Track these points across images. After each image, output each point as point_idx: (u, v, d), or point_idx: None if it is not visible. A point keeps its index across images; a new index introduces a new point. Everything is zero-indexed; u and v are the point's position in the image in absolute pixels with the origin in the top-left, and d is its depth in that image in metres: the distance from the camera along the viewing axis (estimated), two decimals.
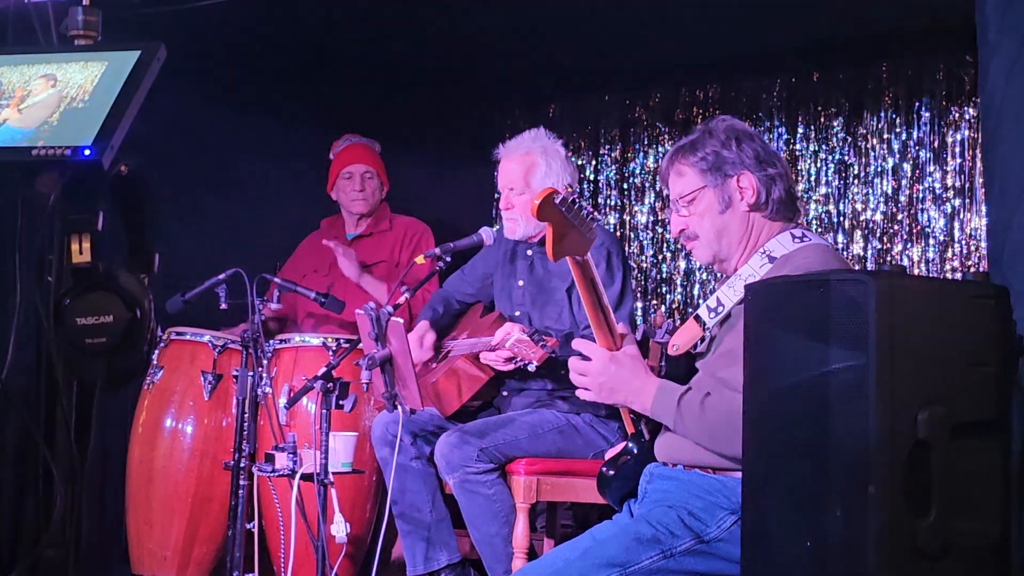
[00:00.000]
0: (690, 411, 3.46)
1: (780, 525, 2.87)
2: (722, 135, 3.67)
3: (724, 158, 3.63)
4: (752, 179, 3.62)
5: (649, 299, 8.19)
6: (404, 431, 5.07)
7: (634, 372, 3.58)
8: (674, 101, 8.19)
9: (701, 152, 3.66)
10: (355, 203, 6.73)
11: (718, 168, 3.64)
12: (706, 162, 3.65)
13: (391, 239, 6.75)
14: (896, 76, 7.46)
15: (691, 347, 3.67)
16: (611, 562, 3.31)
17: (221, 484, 5.50)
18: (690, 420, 3.46)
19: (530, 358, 4.81)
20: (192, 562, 5.73)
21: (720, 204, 3.64)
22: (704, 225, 3.68)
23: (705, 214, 3.67)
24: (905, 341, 2.72)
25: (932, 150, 7.31)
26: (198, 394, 5.76)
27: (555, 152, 5.35)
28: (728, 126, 3.70)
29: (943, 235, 7.25)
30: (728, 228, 3.66)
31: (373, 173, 6.74)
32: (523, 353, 4.82)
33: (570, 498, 5.28)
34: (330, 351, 5.68)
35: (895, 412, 2.69)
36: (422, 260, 5.11)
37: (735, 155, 3.63)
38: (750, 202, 3.63)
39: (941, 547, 2.72)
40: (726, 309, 3.57)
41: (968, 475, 2.78)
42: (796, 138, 7.73)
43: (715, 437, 3.42)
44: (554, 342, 4.83)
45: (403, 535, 5.26)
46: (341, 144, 6.87)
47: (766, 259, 3.55)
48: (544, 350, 4.79)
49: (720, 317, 3.59)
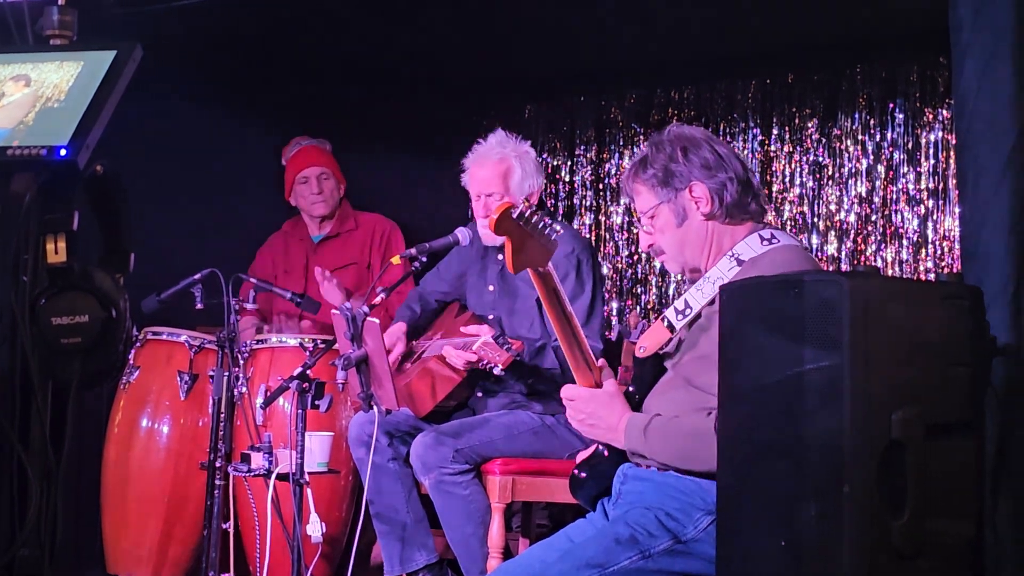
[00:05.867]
0: (657, 439, 3.49)
1: (755, 524, 2.87)
2: (668, 147, 3.67)
3: (673, 172, 3.64)
4: (703, 188, 3.63)
5: (624, 299, 8.20)
6: (380, 431, 5.08)
7: (610, 409, 3.61)
8: (649, 102, 8.19)
9: (651, 169, 3.67)
10: (315, 206, 6.73)
11: (668, 183, 3.65)
12: (657, 178, 3.66)
13: (359, 238, 6.76)
14: (870, 78, 7.48)
15: (659, 348, 3.68)
16: (590, 563, 3.31)
17: (197, 484, 5.50)
18: (659, 448, 3.49)
19: (496, 361, 4.82)
20: (168, 562, 5.73)
21: (676, 218, 3.66)
22: (667, 240, 3.70)
23: (665, 229, 3.69)
24: (879, 341, 2.73)
25: (906, 151, 7.33)
26: (174, 394, 5.76)
27: (526, 154, 5.38)
28: (675, 136, 3.70)
29: (917, 236, 7.27)
30: (688, 239, 3.67)
31: (329, 173, 6.74)
32: (489, 356, 4.83)
33: (545, 498, 5.29)
34: (306, 351, 5.68)
35: (869, 412, 2.70)
36: (397, 261, 5.11)
37: (683, 167, 3.63)
38: (705, 211, 3.64)
39: (915, 547, 2.73)
40: (695, 311, 3.58)
41: (942, 475, 2.80)
42: (771, 139, 7.75)
43: (685, 459, 3.45)
44: (519, 346, 4.85)
45: (380, 536, 5.28)
46: (292, 149, 6.86)
47: (735, 262, 3.56)
48: (509, 354, 4.80)
49: (688, 319, 3.60)
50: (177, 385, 5.76)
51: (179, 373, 5.76)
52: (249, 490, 5.52)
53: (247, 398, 5.55)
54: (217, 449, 5.22)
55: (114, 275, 3.36)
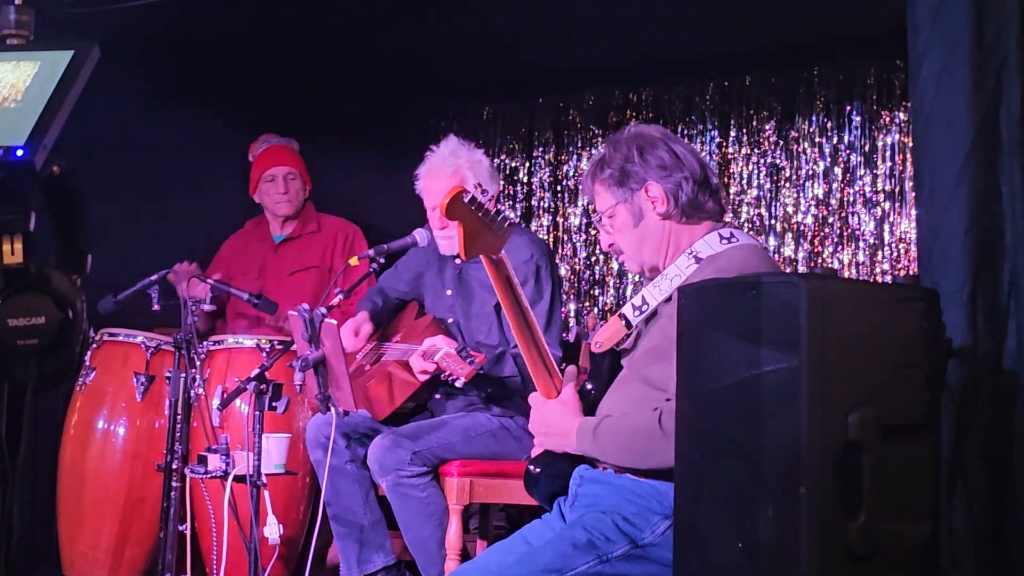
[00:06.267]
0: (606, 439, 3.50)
1: (712, 526, 2.88)
2: (625, 148, 3.68)
3: (629, 172, 3.65)
4: (659, 188, 3.63)
5: (582, 301, 8.21)
6: (338, 433, 5.07)
7: (562, 416, 3.61)
8: (607, 104, 8.23)
9: (609, 169, 3.69)
10: (280, 205, 6.69)
11: (624, 183, 3.66)
12: (614, 179, 3.67)
13: (321, 241, 6.72)
14: (827, 80, 7.53)
15: (615, 344, 3.69)
16: (548, 568, 3.30)
17: (153, 486, 5.47)
18: (608, 448, 3.50)
19: (458, 374, 4.82)
20: (124, 564, 5.69)
21: (633, 218, 3.67)
22: (625, 239, 3.71)
23: (623, 229, 3.70)
24: (836, 343, 2.74)
25: (863, 153, 7.38)
26: (131, 395, 5.72)
27: (479, 163, 5.35)
28: (632, 136, 3.71)
29: (873, 238, 7.32)
30: (646, 239, 3.68)
31: (296, 174, 6.70)
32: (452, 368, 4.83)
33: (503, 500, 5.29)
34: (264, 353, 5.65)
35: (826, 414, 2.71)
36: (355, 262, 5.10)
37: (639, 167, 3.64)
38: (660, 211, 3.64)
39: (871, 548, 2.73)
40: (651, 307, 3.59)
41: (898, 476, 2.80)
42: (728, 141, 7.79)
43: (632, 458, 3.46)
44: (482, 359, 4.84)
45: (337, 537, 5.26)
46: (260, 146, 6.82)
47: (693, 259, 3.56)
48: (472, 367, 4.80)
49: (645, 315, 3.60)
50: (133, 386, 5.72)
51: (135, 374, 5.72)
52: (206, 492, 5.50)
53: (204, 399, 5.53)
54: (174, 451, 5.21)
55: (71, 276, 3.35)
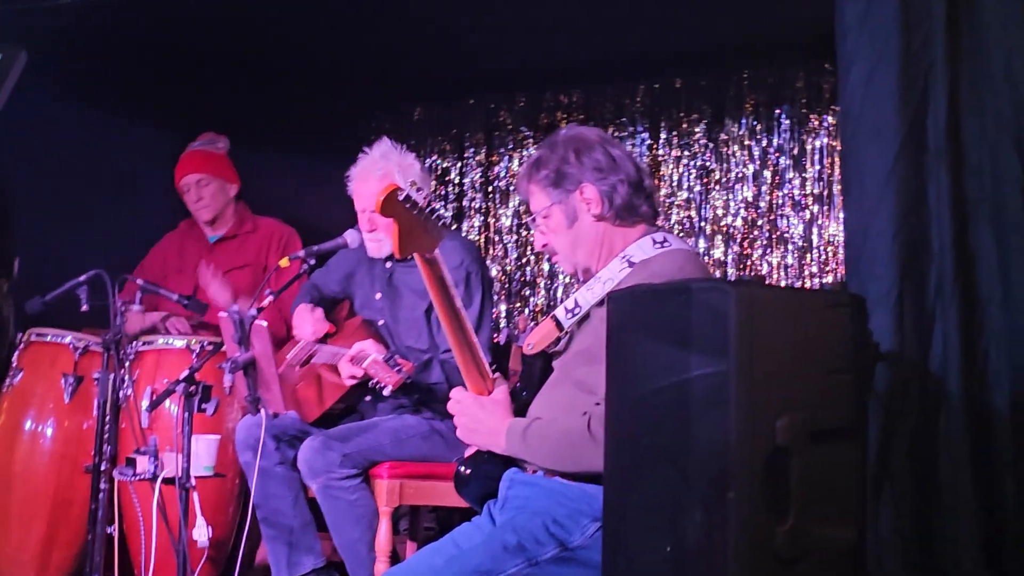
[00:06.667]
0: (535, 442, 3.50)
1: (641, 530, 2.89)
2: (562, 149, 3.70)
3: (564, 173, 3.66)
4: (593, 190, 3.65)
5: (513, 302, 8.22)
6: (267, 435, 5.06)
7: (492, 414, 3.62)
8: (538, 105, 8.24)
9: (545, 170, 3.70)
10: (199, 212, 6.67)
11: (560, 184, 3.67)
12: (549, 179, 3.68)
13: (256, 241, 6.70)
14: (757, 83, 7.57)
15: (547, 346, 3.70)
16: (477, 570, 3.30)
17: (81, 487, 5.43)
18: (537, 451, 3.51)
19: (386, 381, 4.82)
20: (51, 566, 5.64)
21: (567, 219, 3.68)
22: (559, 240, 3.72)
23: (557, 230, 3.71)
24: (764, 349, 2.76)
25: (792, 157, 7.42)
26: (58, 396, 5.67)
27: (410, 165, 5.34)
28: (569, 137, 3.73)
29: (802, 241, 7.36)
30: (580, 240, 3.69)
31: (208, 179, 6.64)
32: (379, 376, 4.83)
33: (433, 502, 5.29)
34: (193, 353, 5.63)
35: (754, 418, 2.73)
36: (286, 263, 5.08)
37: (575, 168, 3.66)
38: (595, 213, 3.66)
39: (799, 552, 2.75)
40: (584, 310, 3.60)
41: (825, 480, 2.83)
42: (659, 143, 7.82)
43: (559, 461, 3.46)
44: (409, 368, 4.85)
45: (267, 540, 5.24)
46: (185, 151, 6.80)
47: (626, 263, 3.58)
48: (399, 375, 4.80)
49: (578, 318, 3.62)
50: (61, 387, 5.68)
51: (64, 375, 5.66)
52: (134, 494, 5.46)
53: (132, 400, 5.50)
54: (102, 452, 5.17)
55: None
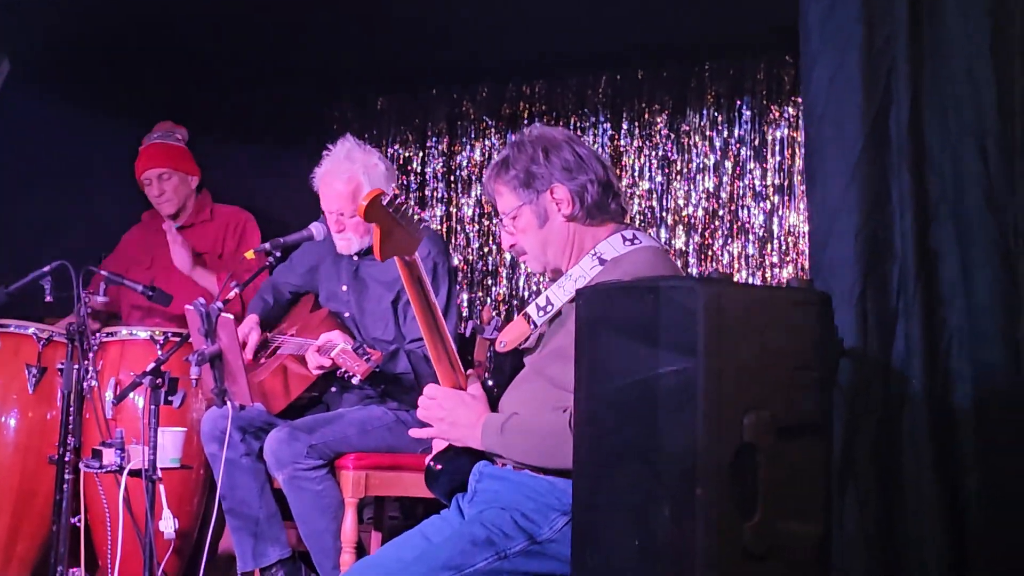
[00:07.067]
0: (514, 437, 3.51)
1: (610, 526, 2.90)
2: (530, 148, 3.70)
3: (534, 174, 3.67)
4: (564, 190, 3.66)
5: (475, 291, 8.23)
6: (233, 427, 5.06)
7: (470, 409, 3.61)
8: (501, 96, 8.25)
9: (513, 171, 3.70)
10: (162, 206, 6.68)
11: (530, 185, 3.67)
12: (518, 180, 3.69)
13: (213, 229, 6.71)
14: (718, 74, 7.60)
15: (519, 344, 3.72)
16: (447, 565, 3.32)
17: (46, 479, 5.44)
18: (516, 446, 3.52)
19: (354, 371, 4.84)
20: (15, 558, 5.64)
21: (538, 219, 3.69)
22: (528, 240, 3.73)
23: (527, 230, 3.71)
24: (732, 346, 2.77)
25: (753, 148, 7.45)
26: (22, 387, 5.66)
27: (374, 166, 5.35)
28: (537, 137, 3.73)
29: (763, 231, 7.40)
30: (550, 240, 3.70)
31: (169, 172, 6.65)
32: (348, 365, 4.85)
33: (399, 492, 5.31)
34: (157, 344, 5.62)
35: (722, 415, 2.74)
36: (251, 255, 5.08)
37: (544, 169, 3.66)
38: (566, 213, 3.67)
39: (766, 547, 2.77)
40: (555, 307, 3.62)
41: (792, 477, 2.85)
42: (620, 134, 7.84)
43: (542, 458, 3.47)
44: (378, 356, 4.86)
45: (233, 531, 5.25)
46: (146, 142, 6.78)
47: (597, 261, 3.60)
48: (368, 364, 4.81)
49: (550, 315, 3.63)
50: (25, 378, 5.67)
51: (27, 366, 5.66)
52: (100, 485, 5.46)
53: (97, 392, 5.50)
54: (66, 443, 5.17)
55: None
